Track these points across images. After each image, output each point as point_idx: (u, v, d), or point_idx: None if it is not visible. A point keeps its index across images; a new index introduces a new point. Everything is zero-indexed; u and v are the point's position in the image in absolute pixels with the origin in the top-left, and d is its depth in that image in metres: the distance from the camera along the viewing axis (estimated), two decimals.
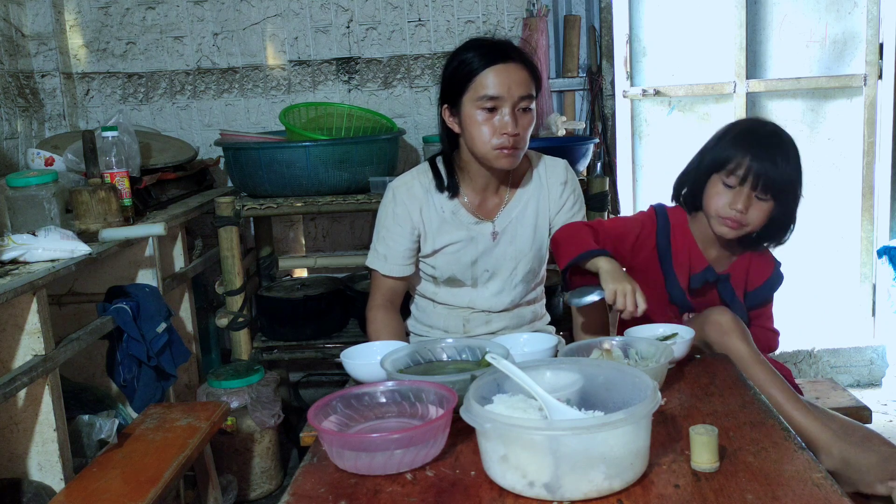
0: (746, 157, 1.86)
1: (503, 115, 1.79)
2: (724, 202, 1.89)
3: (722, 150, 1.91)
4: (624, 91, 3.41)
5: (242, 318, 2.82)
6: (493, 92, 1.78)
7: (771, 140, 1.89)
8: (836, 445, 1.62)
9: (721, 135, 1.95)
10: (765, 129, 1.92)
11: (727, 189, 1.89)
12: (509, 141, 1.80)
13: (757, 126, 1.95)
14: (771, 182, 1.86)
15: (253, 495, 2.75)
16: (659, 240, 2.02)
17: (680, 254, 2.01)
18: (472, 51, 1.82)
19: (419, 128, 3.27)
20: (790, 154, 1.89)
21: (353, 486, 1.21)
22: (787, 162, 1.87)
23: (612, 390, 1.28)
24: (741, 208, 1.87)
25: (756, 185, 1.86)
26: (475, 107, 1.80)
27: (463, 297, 2.01)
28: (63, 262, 1.99)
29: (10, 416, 1.92)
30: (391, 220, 1.97)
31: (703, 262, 2.00)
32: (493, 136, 1.80)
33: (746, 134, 1.91)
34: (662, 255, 2.02)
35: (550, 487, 1.11)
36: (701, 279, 1.98)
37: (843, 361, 3.49)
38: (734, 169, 1.87)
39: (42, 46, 3.15)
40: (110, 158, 2.39)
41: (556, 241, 1.97)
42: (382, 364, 1.51)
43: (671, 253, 2.01)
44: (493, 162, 1.84)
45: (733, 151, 1.88)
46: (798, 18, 3.38)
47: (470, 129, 1.82)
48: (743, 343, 1.76)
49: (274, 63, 3.28)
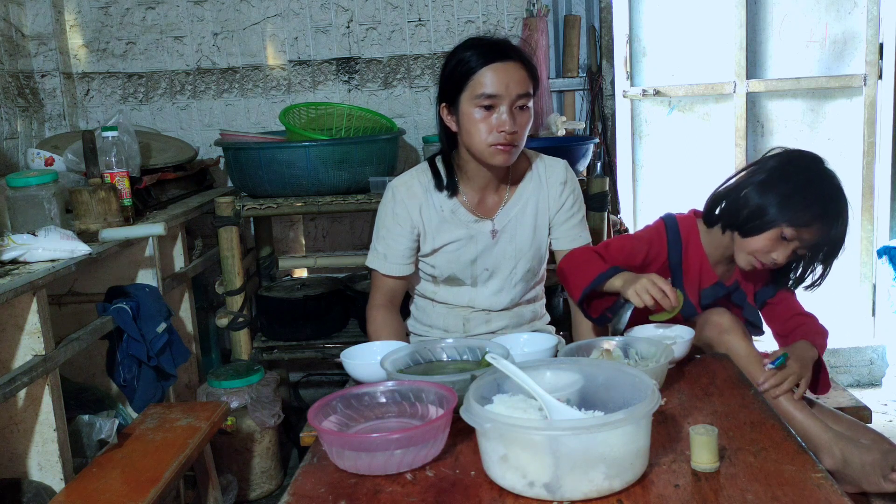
0: (816, 223, 1.77)
1: (500, 114, 1.79)
2: (768, 249, 1.82)
3: (792, 205, 1.78)
4: (624, 91, 3.41)
5: (242, 318, 2.82)
6: (491, 90, 1.78)
7: (838, 202, 1.80)
8: (837, 445, 1.62)
9: (789, 182, 1.82)
10: (832, 184, 1.82)
11: (780, 240, 1.80)
12: (506, 138, 1.80)
13: (824, 180, 1.82)
14: (823, 245, 1.81)
15: (253, 495, 2.75)
16: (671, 256, 1.96)
17: (691, 270, 1.96)
18: (471, 49, 1.83)
19: (419, 128, 3.27)
20: (846, 214, 1.81)
21: (353, 486, 1.21)
22: (844, 225, 1.80)
23: (612, 390, 1.28)
24: (781, 262, 1.83)
25: (811, 247, 1.81)
26: (473, 105, 1.80)
27: (462, 296, 2.01)
28: (63, 262, 1.99)
29: (10, 416, 1.92)
30: (391, 219, 1.97)
31: (713, 276, 1.96)
32: (489, 133, 1.80)
33: (817, 193, 1.80)
34: (675, 271, 1.97)
35: (550, 487, 1.11)
36: (712, 295, 1.94)
37: (843, 361, 3.49)
38: (799, 229, 1.78)
39: (42, 46, 3.15)
40: (110, 158, 2.39)
41: (563, 271, 1.89)
42: (382, 364, 1.51)
43: (682, 269, 1.96)
44: (489, 159, 1.84)
45: (804, 212, 1.78)
46: (798, 18, 3.38)
47: (467, 126, 1.83)
48: (743, 342, 1.76)
49: (274, 63, 3.28)
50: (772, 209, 1.80)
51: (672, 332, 1.70)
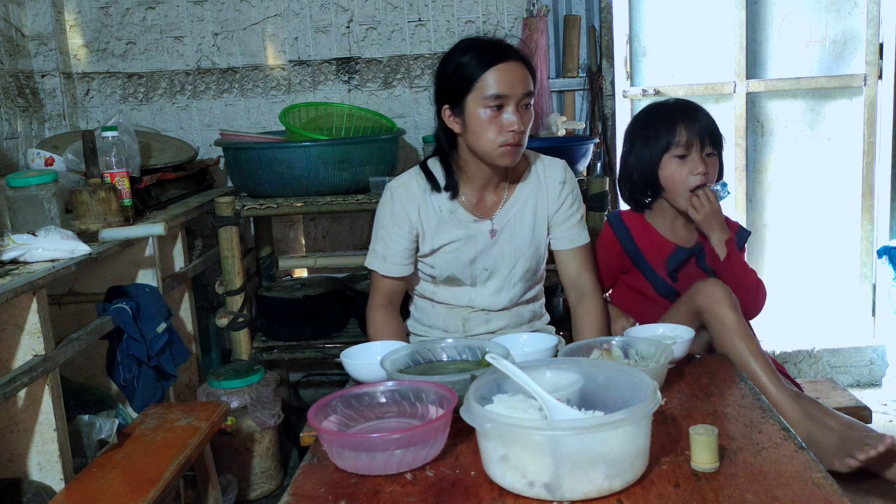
0: (678, 126, 2.05)
1: (509, 113, 1.82)
2: (685, 174, 2.05)
3: (655, 136, 2.09)
4: (624, 91, 3.41)
5: (242, 318, 2.82)
6: (500, 90, 1.80)
7: (686, 105, 2.11)
8: (803, 424, 1.71)
9: (641, 126, 2.15)
10: (667, 103, 2.15)
11: (681, 161, 2.05)
12: (514, 138, 1.82)
13: (659, 104, 2.16)
14: (710, 134, 2.06)
15: (253, 495, 2.75)
16: (623, 244, 2.17)
17: (650, 250, 2.14)
18: (470, 52, 1.84)
19: (419, 128, 3.27)
20: (701, 107, 2.11)
21: (353, 486, 1.21)
22: (706, 113, 2.10)
23: (612, 390, 1.28)
24: (702, 170, 2.05)
25: (703, 145, 2.05)
26: (481, 106, 1.82)
27: (462, 296, 2.02)
28: (63, 262, 1.99)
29: (10, 416, 1.92)
30: (389, 220, 1.97)
31: (670, 245, 2.14)
32: (499, 133, 1.82)
33: (662, 112, 2.12)
34: (633, 256, 2.16)
35: (550, 487, 1.11)
36: (675, 260, 2.10)
37: (843, 361, 3.49)
38: (678, 141, 2.05)
39: (42, 46, 3.15)
40: (110, 158, 2.39)
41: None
42: (382, 364, 1.51)
43: (641, 252, 2.15)
44: (496, 159, 1.86)
45: (665, 131, 2.07)
46: (798, 18, 3.38)
47: (475, 127, 1.83)
48: (732, 313, 1.84)
49: (274, 63, 3.28)
50: (650, 151, 2.10)
51: (672, 332, 1.70)
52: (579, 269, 2.02)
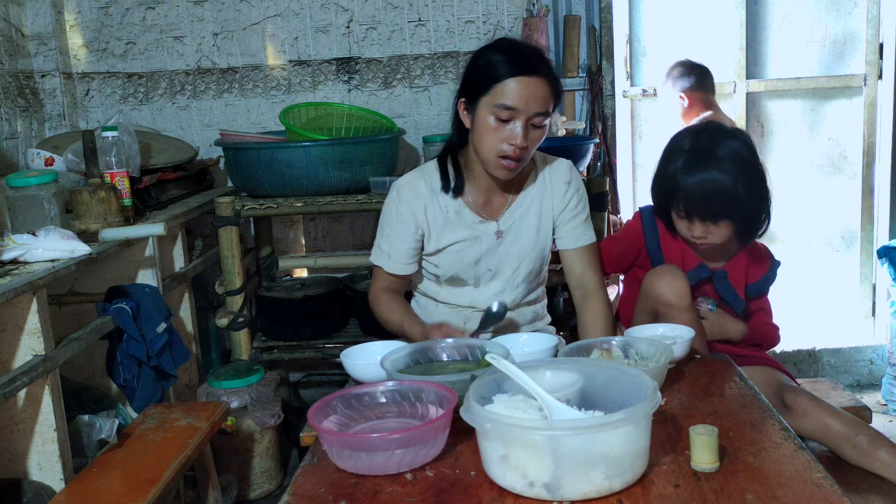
0: (682, 195, 1.90)
1: (515, 127, 1.78)
2: (685, 231, 1.95)
3: (665, 189, 1.95)
4: (624, 91, 3.41)
5: (242, 318, 2.82)
6: (511, 103, 1.76)
7: (705, 168, 1.87)
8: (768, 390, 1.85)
9: (663, 165, 1.98)
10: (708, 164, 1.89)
11: (683, 220, 1.94)
12: (514, 152, 1.79)
13: (696, 158, 1.91)
14: (713, 212, 1.88)
15: (253, 495, 2.75)
16: (648, 243, 2.07)
17: (672, 256, 2.04)
18: (501, 54, 1.79)
19: (419, 128, 3.27)
20: (725, 171, 1.85)
21: (353, 486, 1.21)
22: (723, 184, 1.85)
23: (612, 390, 1.28)
24: (699, 235, 1.93)
25: (704, 219, 1.90)
26: (490, 111, 1.79)
27: (465, 296, 2.01)
28: (63, 262, 1.99)
29: (10, 416, 1.92)
30: (395, 218, 1.97)
31: (695, 259, 2.03)
32: (500, 143, 1.79)
33: (679, 167, 1.92)
34: (654, 257, 2.06)
35: (550, 487, 1.11)
36: (695, 276, 1.99)
37: (843, 361, 3.49)
38: (679, 207, 1.92)
39: (42, 46, 3.15)
40: (110, 158, 2.39)
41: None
42: (382, 364, 1.51)
43: (662, 255, 2.05)
44: (492, 170, 1.84)
45: (671, 193, 1.92)
46: (798, 18, 3.38)
47: (480, 131, 1.82)
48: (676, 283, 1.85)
49: (274, 63, 3.28)
50: (661, 194, 1.98)
51: (672, 332, 1.70)
52: (584, 268, 2.02)
